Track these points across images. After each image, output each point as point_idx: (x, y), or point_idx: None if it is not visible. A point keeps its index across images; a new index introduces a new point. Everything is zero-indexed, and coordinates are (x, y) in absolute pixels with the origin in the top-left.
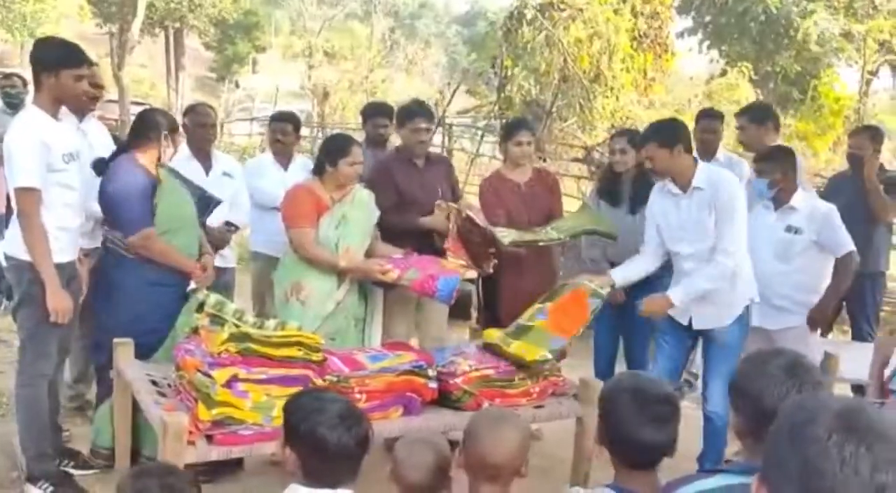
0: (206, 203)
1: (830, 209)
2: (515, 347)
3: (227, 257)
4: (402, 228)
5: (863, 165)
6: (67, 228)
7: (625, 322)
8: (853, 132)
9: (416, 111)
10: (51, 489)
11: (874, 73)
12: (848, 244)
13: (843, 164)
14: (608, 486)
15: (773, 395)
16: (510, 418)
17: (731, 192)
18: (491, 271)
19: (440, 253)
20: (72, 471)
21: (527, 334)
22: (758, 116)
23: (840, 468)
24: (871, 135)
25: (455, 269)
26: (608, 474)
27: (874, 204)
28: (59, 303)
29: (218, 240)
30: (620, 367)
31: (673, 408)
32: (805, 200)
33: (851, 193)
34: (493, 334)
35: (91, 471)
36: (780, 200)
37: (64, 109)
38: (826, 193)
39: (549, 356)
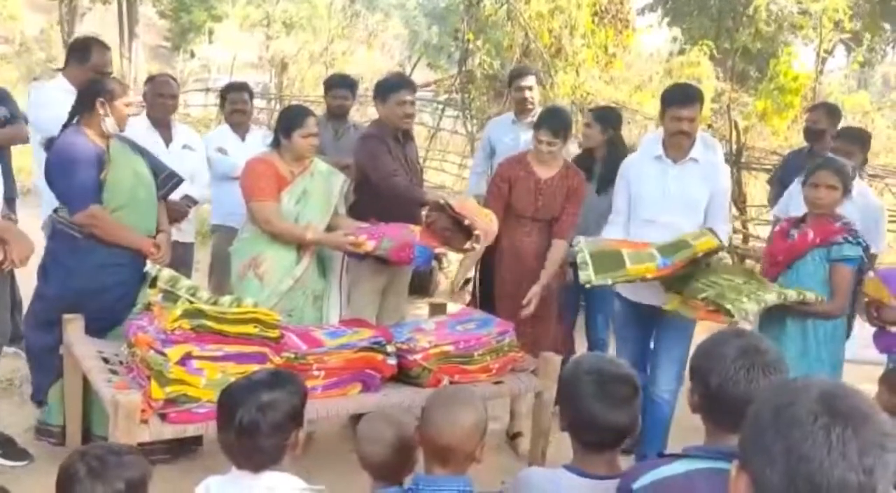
0: (168, 180)
1: (881, 208)
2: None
3: (185, 232)
4: (405, 195)
5: (819, 140)
6: None
7: (587, 298)
8: (810, 108)
9: (400, 83)
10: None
11: (829, 52)
12: (879, 245)
13: (802, 141)
14: (565, 466)
15: (721, 374)
16: (465, 400)
17: (725, 171)
18: (474, 248)
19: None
20: None
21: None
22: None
23: (828, 452)
24: (828, 110)
25: (427, 239)
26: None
27: None
28: (21, 249)
29: (176, 213)
30: (581, 346)
31: (632, 389)
32: (860, 191)
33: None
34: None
35: (19, 462)
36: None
37: None
38: (784, 169)
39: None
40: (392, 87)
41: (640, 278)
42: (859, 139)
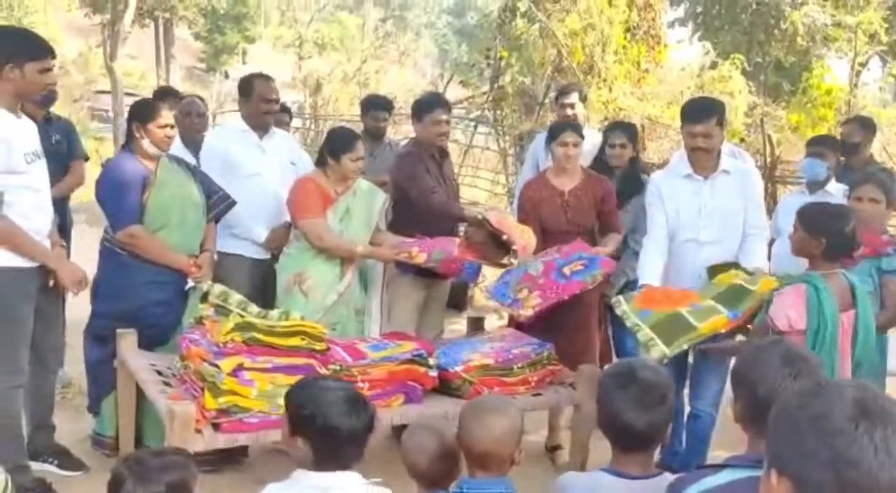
0: (220, 202)
1: None
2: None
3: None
4: (444, 211)
5: (854, 153)
6: (38, 233)
7: (613, 315)
8: (844, 121)
9: (435, 103)
10: None
11: (864, 65)
12: None
13: None
14: (602, 469)
15: (768, 383)
16: (499, 407)
17: (756, 179)
18: (512, 263)
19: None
20: (55, 470)
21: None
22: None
23: (875, 454)
24: (862, 123)
25: (465, 253)
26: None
27: None
28: (67, 276)
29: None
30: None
31: (661, 394)
32: (838, 187)
33: (844, 181)
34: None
35: (75, 472)
36: (816, 184)
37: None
38: None
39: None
40: (428, 106)
41: (714, 334)
42: (830, 143)
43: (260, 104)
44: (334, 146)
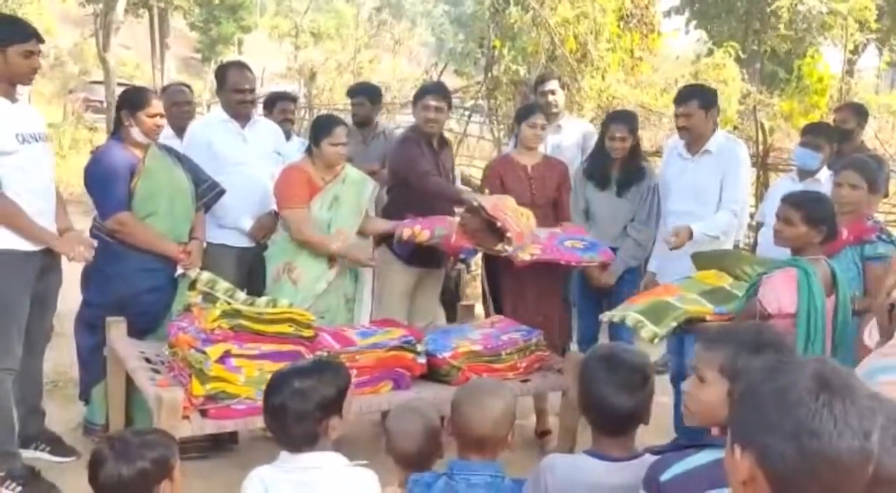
0: (209, 190)
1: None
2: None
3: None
4: (441, 194)
5: (847, 139)
6: (40, 213)
7: (610, 303)
8: (838, 108)
9: (426, 88)
10: (19, 489)
11: (855, 52)
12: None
13: None
14: (585, 451)
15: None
16: (494, 390)
17: (740, 158)
18: (506, 250)
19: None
20: (47, 456)
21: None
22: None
23: (835, 425)
24: (855, 109)
25: (461, 240)
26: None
27: None
28: (66, 246)
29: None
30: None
31: (644, 377)
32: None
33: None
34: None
35: (68, 458)
36: (807, 173)
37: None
38: None
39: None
40: (420, 92)
41: (699, 318)
42: (825, 133)
43: (231, 94)
44: (315, 132)
